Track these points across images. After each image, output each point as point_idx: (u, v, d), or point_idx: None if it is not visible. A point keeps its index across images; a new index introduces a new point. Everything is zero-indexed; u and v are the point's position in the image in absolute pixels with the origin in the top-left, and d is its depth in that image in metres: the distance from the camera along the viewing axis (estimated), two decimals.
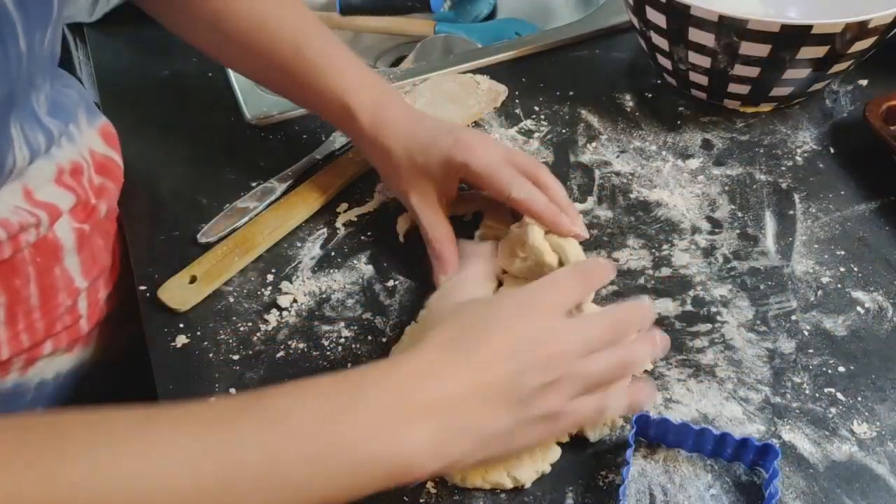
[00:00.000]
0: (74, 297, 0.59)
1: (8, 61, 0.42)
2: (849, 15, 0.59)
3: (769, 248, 0.59)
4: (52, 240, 0.56)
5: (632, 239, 0.60)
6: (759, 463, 0.46)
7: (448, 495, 0.46)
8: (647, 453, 0.48)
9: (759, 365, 0.52)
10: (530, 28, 0.97)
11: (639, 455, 0.48)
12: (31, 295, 0.55)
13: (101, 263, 0.61)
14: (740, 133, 0.69)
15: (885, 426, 0.49)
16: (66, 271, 0.57)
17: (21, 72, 0.45)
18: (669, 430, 0.47)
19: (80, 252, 0.59)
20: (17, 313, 0.54)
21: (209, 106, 0.75)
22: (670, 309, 0.55)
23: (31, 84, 0.49)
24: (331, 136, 0.70)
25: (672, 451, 0.48)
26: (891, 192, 0.63)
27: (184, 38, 0.63)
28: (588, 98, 0.73)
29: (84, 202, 0.58)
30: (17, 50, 0.43)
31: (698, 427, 0.45)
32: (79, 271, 0.59)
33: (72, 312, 0.59)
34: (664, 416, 0.46)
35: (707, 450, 0.47)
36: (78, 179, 0.58)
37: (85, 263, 0.59)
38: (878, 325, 0.54)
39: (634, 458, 0.48)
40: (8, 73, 0.43)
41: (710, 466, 0.47)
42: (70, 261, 0.58)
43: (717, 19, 0.61)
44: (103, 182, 0.61)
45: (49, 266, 0.56)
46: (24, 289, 0.54)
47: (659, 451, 0.48)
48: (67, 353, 0.60)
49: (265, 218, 0.62)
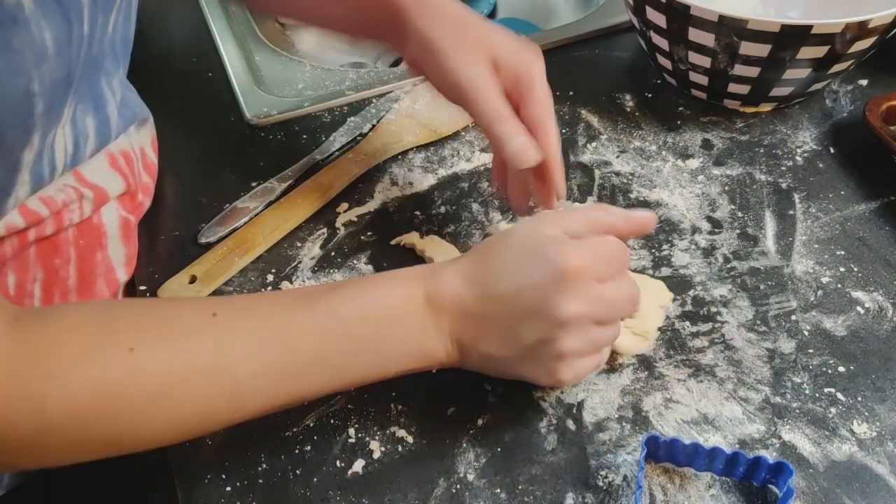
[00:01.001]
0: (114, 290, 0.58)
1: (70, 43, 0.43)
2: (849, 15, 0.59)
3: (769, 248, 0.59)
4: (96, 224, 0.56)
5: (632, 239, 0.60)
6: (771, 481, 0.46)
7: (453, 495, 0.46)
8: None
9: (759, 365, 0.52)
10: (530, 28, 0.97)
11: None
12: (70, 276, 0.55)
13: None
14: (740, 133, 0.69)
15: (885, 426, 0.49)
16: (107, 259, 0.57)
17: (82, 54, 0.45)
18: (679, 451, 0.46)
19: (126, 244, 0.59)
20: (54, 293, 0.54)
21: (209, 106, 0.75)
22: (670, 309, 0.55)
23: (96, 67, 0.49)
24: (331, 136, 0.70)
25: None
26: (891, 192, 0.63)
27: None
28: (588, 98, 0.73)
29: (132, 192, 0.59)
30: (81, 32, 0.44)
31: (709, 447, 0.45)
32: (122, 262, 0.59)
33: None
34: (674, 438, 0.45)
35: (718, 469, 0.46)
36: (130, 166, 0.58)
37: (129, 256, 0.59)
38: (878, 325, 0.54)
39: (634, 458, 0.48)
40: (69, 53, 0.43)
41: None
42: (114, 249, 0.58)
43: (717, 19, 0.61)
44: (149, 182, 0.62)
45: (91, 250, 0.56)
46: (63, 268, 0.54)
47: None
48: None
49: (265, 218, 0.62)
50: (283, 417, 0.50)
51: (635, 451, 0.48)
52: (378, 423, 0.50)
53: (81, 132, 0.51)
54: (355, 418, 0.50)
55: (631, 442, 0.48)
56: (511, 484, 0.47)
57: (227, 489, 0.47)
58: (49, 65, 0.41)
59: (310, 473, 0.48)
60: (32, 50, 0.40)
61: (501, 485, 0.47)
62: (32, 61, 0.40)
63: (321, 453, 0.49)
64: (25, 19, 0.39)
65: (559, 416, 0.50)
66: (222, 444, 0.50)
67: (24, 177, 0.47)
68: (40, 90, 0.42)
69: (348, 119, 0.72)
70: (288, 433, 0.50)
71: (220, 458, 0.49)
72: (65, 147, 0.50)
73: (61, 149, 0.50)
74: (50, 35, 0.41)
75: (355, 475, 0.48)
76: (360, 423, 0.50)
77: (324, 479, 0.48)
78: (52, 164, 0.49)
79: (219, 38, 0.82)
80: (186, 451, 0.49)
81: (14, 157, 0.45)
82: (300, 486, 0.47)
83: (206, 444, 0.50)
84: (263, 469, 0.48)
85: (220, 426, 0.44)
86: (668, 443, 0.45)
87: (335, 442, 0.49)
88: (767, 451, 0.48)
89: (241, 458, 0.49)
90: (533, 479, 0.47)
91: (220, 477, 0.48)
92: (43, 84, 0.42)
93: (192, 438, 0.44)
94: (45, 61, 0.41)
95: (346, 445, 0.49)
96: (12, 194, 0.47)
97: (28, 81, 0.41)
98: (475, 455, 0.48)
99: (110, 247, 0.58)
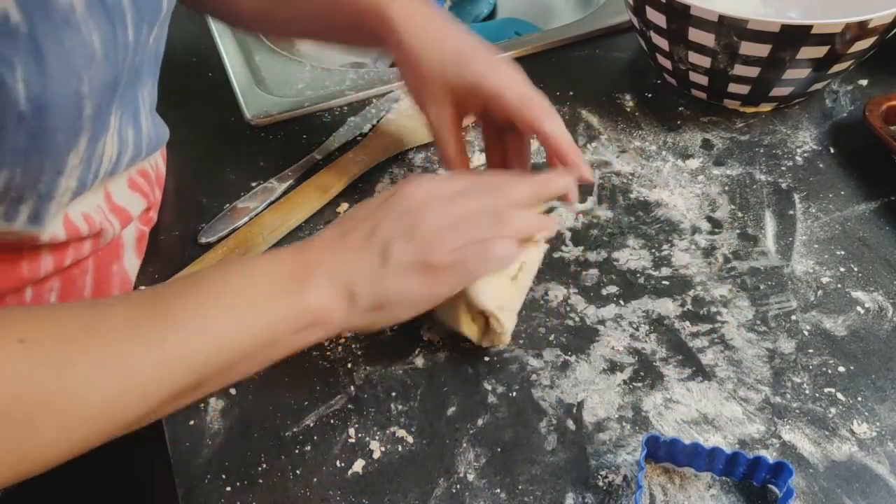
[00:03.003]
0: None
1: (116, 48, 0.43)
2: (849, 15, 0.59)
3: (769, 248, 0.59)
4: (116, 237, 0.57)
5: (632, 239, 0.60)
6: (771, 481, 0.46)
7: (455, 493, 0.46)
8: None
9: (759, 365, 0.52)
10: (530, 28, 0.97)
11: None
12: (86, 286, 0.55)
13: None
14: (740, 133, 0.69)
15: (885, 426, 0.49)
16: (123, 271, 0.58)
17: (127, 61, 0.46)
18: (679, 451, 0.46)
19: (139, 255, 0.60)
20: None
21: (209, 106, 0.75)
22: (670, 309, 0.56)
23: (137, 77, 0.50)
24: (331, 137, 0.70)
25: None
26: (891, 192, 0.63)
27: None
28: (588, 98, 0.73)
29: (149, 208, 0.60)
30: (126, 38, 0.44)
31: (709, 447, 0.45)
32: (135, 273, 0.60)
33: None
34: (674, 438, 0.45)
35: (718, 469, 0.46)
36: (150, 184, 0.59)
37: (143, 268, 0.60)
38: (878, 325, 0.54)
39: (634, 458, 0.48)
40: (115, 58, 0.44)
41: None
42: (129, 261, 0.59)
43: (717, 19, 0.61)
44: (159, 195, 0.63)
45: (108, 261, 0.57)
46: (80, 279, 0.55)
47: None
48: None
49: (265, 218, 0.62)
50: (283, 417, 0.50)
51: (635, 451, 0.48)
52: (378, 423, 0.50)
53: (124, 142, 0.52)
54: (355, 418, 0.50)
55: (631, 442, 0.48)
56: (511, 484, 0.47)
57: (227, 489, 0.47)
58: (98, 68, 0.42)
59: (310, 473, 0.48)
60: (83, 52, 0.41)
61: (501, 485, 0.47)
62: (83, 63, 0.41)
63: (321, 453, 0.49)
64: (76, 21, 0.40)
65: (559, 416, 0.50)
66: (222, 444, 0.50)
67: (69, 182, 0.47)
68: (89, 92, 0.42)
69: (348, 119, 0.72)
70: (288, 433, 0.50)
71: (220, 458, 0.49)
72: (110, 156, 0.51)
73: (108, 157, 0.50)
74: (98, 38, 0.41)
75: (355, 475, 0.48)
76: (360, 423, 0.50)
77: (324, 479, 0.48)
78: (96, 172, 0.50)
79: (219, 38, 0.82)
80: (186, 451, 0.49)
81: (61, 161, 0.45)
82: (300, 486, 0.47)
83: (206, 444, 0.50)
84: (263, 469, 0.48)
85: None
86: (668, 443, 0.45)
87: (335, 442, 0.49)
88: (767, 451, 0.48)
89: (241, 458, 0.49)
90: (533, 479, 0.47)
91: (220, 477, 0.48)
92: (92, 86, 0.42)
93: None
94: (94, 64, 0.42)
95: (346, 445, 0.49)
96: (55, 198, 0.47)
97: (78, 83, 0.41)
98: (475, 455, 0.48)
99: (126, 258, 0.59)
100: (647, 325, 0.55)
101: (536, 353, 0.53)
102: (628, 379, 0.52)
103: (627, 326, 0.55)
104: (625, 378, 0.52)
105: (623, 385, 0.51)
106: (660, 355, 0.53)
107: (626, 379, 0.52)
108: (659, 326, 0.54)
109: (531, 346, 0.54)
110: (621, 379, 0.52)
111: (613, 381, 0.52)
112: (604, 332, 0.54)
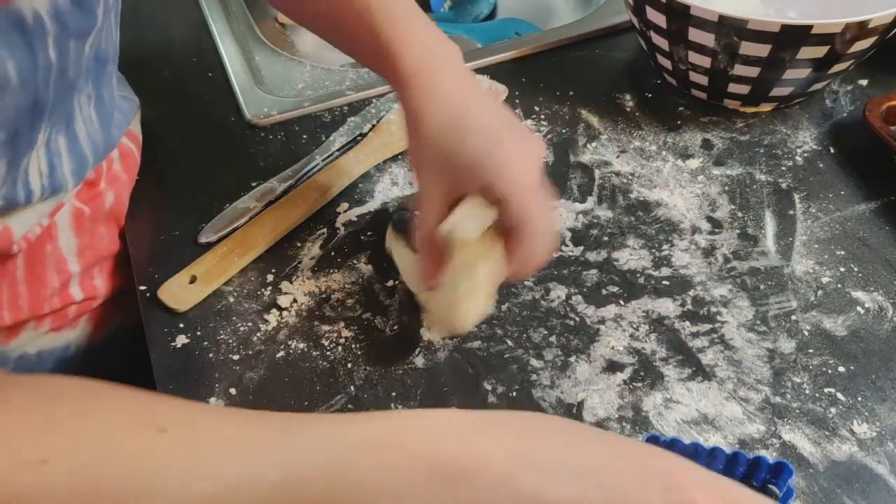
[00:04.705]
0: (65, 280, 0.58)
1: (36, 72, 0.42)
2: (849, 15, 0.59)
3: (769, 248, 0.59)
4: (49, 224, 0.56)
5: (632, 239, 0.60)
6: (771, 481, 0.46)
7: None
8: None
9: (759, 365, 0.52)
10: (530, 28, 0.97)
11: None
12: (18, 267, 0.55)
13: (101, 252, 0.61)
14: (740, 133, 0.69)
15: (885, 426, 0.49)
16: (58, 250, 0.57)
17: (51, 81, 0.45)
18: (679, 451, 0.45)
19: (79, 235, 0.58)
20: (2, 285, 0.54)
21: (209, 106, 0.75)
22: (670, 309, 0.56)
23: (70, 88, 0.49)
24: (331, 137, 0.70)
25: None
26: (891, 192, 0.63)
27: None
28: (588, 98, 0.73)
29: (91, 182, 0.58)
30: (47, 61, 0.44)
31: (709, 447, 0.45)
32: (73, 253, 0.58)
33: (61, 295, 0.59)
34: (674, 438, 0.45)
35: (718, 469, 0.46)
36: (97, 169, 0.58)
37: (82, 247, 0.59)
38: (878, 325, 0.54)
39: None
40: (35, 82, 0.43)
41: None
42: (65, 241, 0.58)
43: (717, 19, 0.61)
44: (119, 172, 0.62)
45: (40, 242, 0.56)
46: (10, 261, 0.54)
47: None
48: (53, 332, 0.60)
49: (265, 218, 0.62)
50: None
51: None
52: None
53: (55, 153, 0.51)
54: None
55: None
56: None
57: None
58: (12, 96, 0.41)
59: None
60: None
61: None
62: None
63: None
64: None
65: (559, 415, 0.50)
66: None
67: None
68: (3, 122, 0.41)
69: (348, 119, 0.72)
70: None
71: None
72: (39, 170, 0.50)
73: (35, 172, 0.50)
74: (13, 66, 0.40)
75: None
76: None
77: None
78: (27, 188, 0.50)
79: (219, 38, 0.82)
80: None
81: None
82: None
83: None
84: None
85: None
86: (668, 443, 0.45)
87: None
88: (767, 451, 0.48)
89: None
90: None
91: None
92: (5, 116, 0.41)
93: None
94: (8, 93, 0.41)
95: None
96: None
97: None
98: None
99: (60, 238, 0.57)
100: (647, 325, 0.55)
101: (536, 353, 0.53)
102: (628, 379, 0.52)
103: (627, 326, 0.55)
104: (625, 378, 0.52)
105: (623, 385, 0.51)
106: (660, 355, 0.53)
107: (626, 379, 0.52)
108: (659, 326, 0.54)
109: (531, 346, 0.54)
110: (621, 379, 0.52)
111: (613, 381, 0.52)
112: (604, 332, 0.54)
